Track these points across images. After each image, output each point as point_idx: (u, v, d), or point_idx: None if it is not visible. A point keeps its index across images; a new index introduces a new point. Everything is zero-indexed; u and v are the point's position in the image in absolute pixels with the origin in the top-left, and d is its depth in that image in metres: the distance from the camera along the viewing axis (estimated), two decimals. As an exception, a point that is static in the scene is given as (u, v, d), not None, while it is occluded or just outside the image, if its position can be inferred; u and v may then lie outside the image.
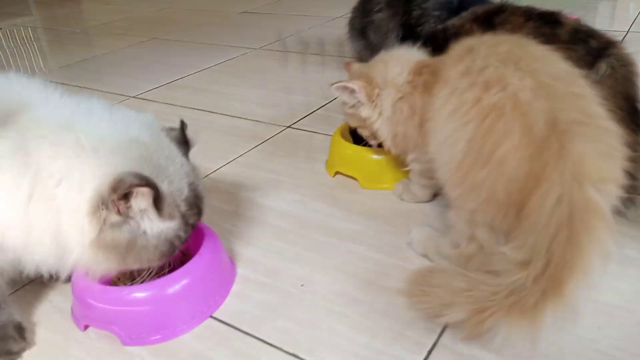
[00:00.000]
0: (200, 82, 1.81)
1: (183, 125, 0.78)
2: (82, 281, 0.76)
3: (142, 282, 0.82)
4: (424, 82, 0.85)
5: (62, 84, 1.90)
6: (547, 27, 1.05)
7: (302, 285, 0.83)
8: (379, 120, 0.92)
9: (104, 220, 0.65)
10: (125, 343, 0.75)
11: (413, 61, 0.91)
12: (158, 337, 0.75)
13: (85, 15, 3.28)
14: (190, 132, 0.79)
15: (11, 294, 0.84)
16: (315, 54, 2.03)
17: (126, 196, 0.64)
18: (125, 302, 0.74)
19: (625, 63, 1.02)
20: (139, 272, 0.84)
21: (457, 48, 0.79)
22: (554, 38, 1.04)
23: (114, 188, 0.63)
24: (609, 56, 1.02)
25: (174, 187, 0.69)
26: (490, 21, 1.07)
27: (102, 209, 0.64)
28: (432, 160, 0.80)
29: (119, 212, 0.65)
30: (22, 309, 0.82)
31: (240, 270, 0.88)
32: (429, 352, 0.69)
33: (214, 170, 1.20)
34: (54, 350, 0.75)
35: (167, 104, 1.63)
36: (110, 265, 0.69)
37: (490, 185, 0.67)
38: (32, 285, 0.88)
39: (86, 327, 0.78)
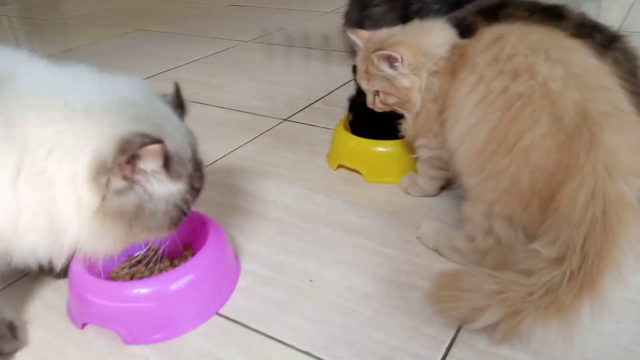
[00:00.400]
0: (191, 74, 1.76)
1: (178, 89, 0.73)
2: (80, 275, 0.72)
3: (143, 277, 0.78)
4: (453, 64, 0.82)
5: (45, 73, 1.83)
6: (551, 20, 1.04)
7: (311, 281, 0.80)
8: (417, 93, 0.85)
9: (108, 187, 0.59)
10: (126, 342, 0.70)
11: (452, 38, 0.86)
12: (161, 335, 0.71)
13: (64, 5, 3.18)
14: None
15: (0, 290, 0.79)
16: (307, 47, 2.00)
17: (133, 158, 0.58)
18: (127, 298, 0.70)
19: (630, 57, 1.01)
20: (138, 268, 0.80)
21: (486, 34, 0.77)
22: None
23: (122, 150, 0.57)
24: (614, 50, 1.01)
25: (177, 144, 0.65)
26: (494, 14, 1.06)
27: (105, 174, 0.58)
28: (446, 149, 0.78)
29: (124, 177, 0.59)
30: (13, 306, 0.77)
31: (245, 265, 0.84)
32: (448, 349, 0.67)
33: (212, 162, 1.16)
34: (49, 350, 0.70)
35: (157, 95, 1.58)
36: (115, 239, 0.63)
37: (513, 174, 0.66)
38: (22, 282, 0.83)
39: (84, 325, 0.73)
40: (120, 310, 0.70)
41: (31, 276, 0.83)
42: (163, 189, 0.63)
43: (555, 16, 1.05)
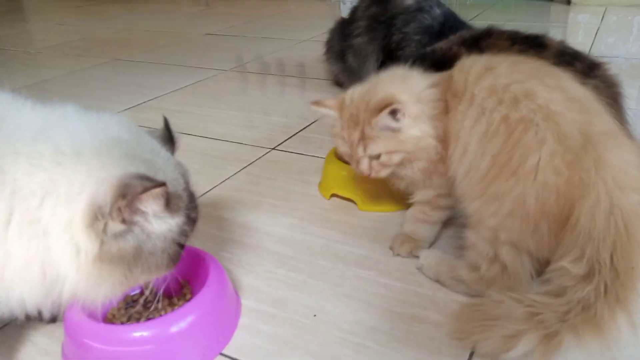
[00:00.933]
0: (172, 104, 1.75)
1: (167, 123, 0.73)
2: (77, 320, 0.69)
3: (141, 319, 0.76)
4: (445, 101, 0.80)
5: (21, 105, 1.78)
6: (533, 50, 1.08)
7: (314, 316, 0.79)
8: (430, 138, 0.79)
9: (105, 232, 0.57)
10: (128, 388, 0.67)
11: (430, 79, 0.84)
12: (164, 379, 0.68)
13: (36, 35, 3.13)
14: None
15: (-12, 337, 0.75)
16: (286, 75, 2.01)
17: (134, 201, 0.57)
18: (128, 342, 0.67)
19: (610, 84, 1.06)
20: (136, 309, 0.78)
21: (473, 65, 0.78)
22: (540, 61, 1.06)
23: (122, 194, 0.56)
24: (594, 78, 1.05)
25: (170, 178, 0.63)
26: (477, 45, 1.09)
27: (102, 220, 0.56)
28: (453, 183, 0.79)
29: (123, 220, 0.57)
30: (2, 354, 0.73)
31: (245, 302, 0.83)
32: (459, 381, 0.67)
33: (202, 194, 1.14)
34: (45, 401, 0.67)
35: (141, 125, 1.55)
36: (114, 283, 0.61)
37: (517, 195, 0.67)
38: (11, 327, 0.79)
39: (81, 371, 0.70)
40: (121, 355, 0.67)
41: (19, 322, 0.79)
42: (162, 226, 0.61)
43: (536, 45, 1.09)
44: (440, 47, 1.16)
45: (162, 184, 0.57)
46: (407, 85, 0.82)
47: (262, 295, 0.83)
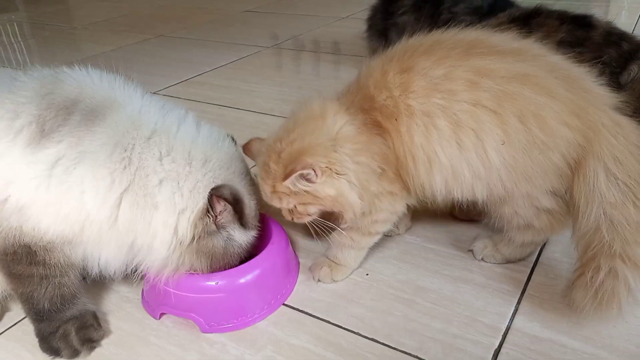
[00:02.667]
0: (218, 79, 1.81)
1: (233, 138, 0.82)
2: (158, 270, 0.77)
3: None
4: (373, 120, 0.73)
5: (76, 79, 1.88)
6: (581, 30, 1.11)
7: (367, 275, 0.85)
8: (350, 192, 0.73)
9: (204, 228, 0.70)
10: (204, 330, 0.76)
11: (336, 108, 0.75)
12: (235, 324, 0.76)
13: (79, 12, 3.23)
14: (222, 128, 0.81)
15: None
16: (328, 52, 2.05)
17: (225, 207, 0.70)
18: (204, 290, 0.75)
19: (655, 66, 1.08)
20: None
21: (391, 79, 0.71)
22: (587, 41, 1.09)
23: (218, 199, 0.68)
24: (639, 59, 1.07)
25: (254, 200, 0.77)
26: (527, 22, 1.12)
27: (207, 217, 0.69)
28: (424, 193, 0.75)
29: (215, 223, 0.70)
30: (92, 298, 0.82)
31: (302, 260, 0.90)
32: (504, 336, 0.73)
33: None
34: (133, 339, 0.76)
35: (191, 100, 1.63)
36: (196, 267, 0.73)
37: (544, 160, 0.69)
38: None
39: (161, 315, 0.78)
40: (198, 301, 0.75)
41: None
42: (242, 237, 0.75)
43: (584, 25, 1.11)
44: (491, 24, 1.18)
45: (244, 201, 0.71)
46: (322, 130, 0.73)
47: (317, 255, 0.90)
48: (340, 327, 0.76)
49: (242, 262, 0.78)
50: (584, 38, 1.10)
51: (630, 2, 2.65)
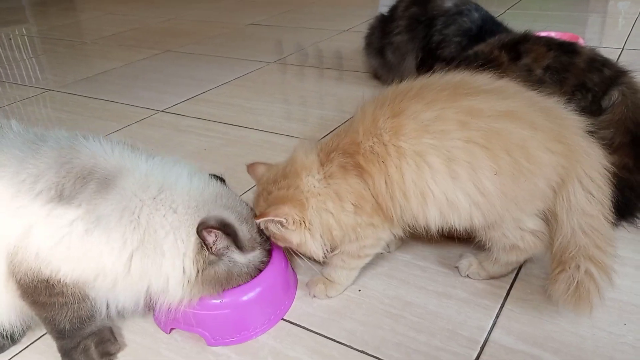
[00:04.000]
0: (223, 97, 1.90)
1: (217, 176, 0.90)
2: (169, 288, 0.85)
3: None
4: (354, 163, 0.80)
5: (87, 97, 1.97)
6: (566, 56, 1.17)
7: (359, 291, 0.93)
8: (311, 243, 0.83)
9: (204, 261, 0.78)
10: (209, 344, 0.83)
11: (311, 162, 0.84)
12: (238, 338, 0.84)
13: (89, 25, 3.33)
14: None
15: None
16: (329, 68, 2.13)
17: (216, 238, 0.77)
18: (210, 307, 0.83)
19: (635, 91, 1.14)
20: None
21: (382, 124, 0.79)
22: (572, 66, 1.16)
23: (206, 229, 0.75)
24: (620, 84, 1.14)
25: (249, 224, 0.83)
26: (516, 49, 1.19)
27: (205, 250, 0.77)
28: (414, 223, 0.81)
29: (213, 252, 0.78)
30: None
31: (300, 277, 0.97)
32: (482, 348, 0.80)
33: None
34: (145, 351, 0.84)
35: (197, 118, 1.71)
36: (209, 293, 0.81)
37: (532, 187, 0.77)
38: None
39: (171, 329, 0.86)
40: (204, 317, 0.83)
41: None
42: (243, 259, 0.82)
43: (569, 52, 1.18)
44: (482, 50, 1.24)
45: (228, 231, 0.77)
46: (299, 188, 0.82)
47: (314, 273, 0.98)
48: (334, 340, 0.83)
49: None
50: (569, 64, 1.17)
51: (626, 12, 2.70)
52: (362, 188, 0.80)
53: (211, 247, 0.77)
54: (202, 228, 0.75)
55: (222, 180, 0.89)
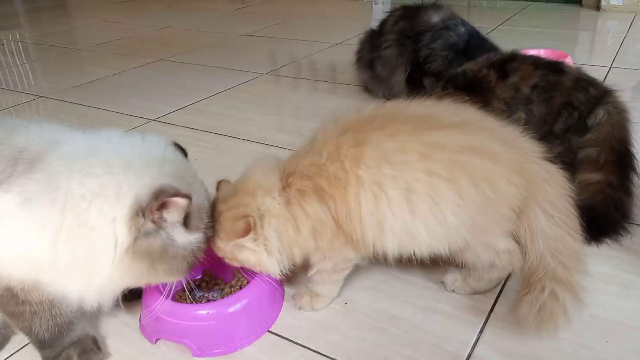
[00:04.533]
0: (215, 107, 1.90)
1: (178, 144, 0.85)
2: (155, 299, 0.85)
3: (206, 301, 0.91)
4: (316, 186, 0.80)
5: (79, 105, 1.97)
6: (553, 75, 1.19)
7: (345, 304, 0.93)
8: (270, 257, 0.82)
9: (140, 229, 0.69)
10: (195, 355, 0.83)
11: (270, 184, 0.82)
12: (223, 349, 0.84)
13: (82, 33, 3.33)
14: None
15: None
16: (322, 80, 2.15)
17: (163, 206, 0.69)
18: (196, 318, 0.83)
19: (620, 110, 1.17)
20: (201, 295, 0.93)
21: (345, 152, 0.78)
22: (559, 85, 1.18)
23: (156, 195, 0.68)
24: (606, 103, 1.17)
25: (201, 201, 0.77)
26: (503, 68, 1.21)
27: (140, 216, 0.69)
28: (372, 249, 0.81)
29: (153, 221, 0.70)
30: (92, 323, 0.90)
31: (287, 289, 0.98)
32: (466, 363, 0.81)
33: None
34: (130, 362, 0.83)
35: (188, 128, 1.72)
36: (140, 274, 0.74)
37: (499, 214, 0.80)
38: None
39: (157, 340, 0.86)
40: (190, 328, 0.83)
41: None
42: (184, 238, 0.74)
43: (556, 71, 1.20)
44: (471, 68, 1.26)
45: (188, 198, 0.70)
46: (265, 199, 0.81)
47: (301, 285, 0.98)
48: (319, 353, 0.83)
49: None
50: (555, 83, 1.19)
51: (615, 29, 2.75)
52: (321, 212, 0.79)
53: (152, 216, 0.69)
54: (154, 192, 0.68)
55: (183, 150, 0.84)
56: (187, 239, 0.75)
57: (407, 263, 1.01)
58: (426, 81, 1.61)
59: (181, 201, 0.70)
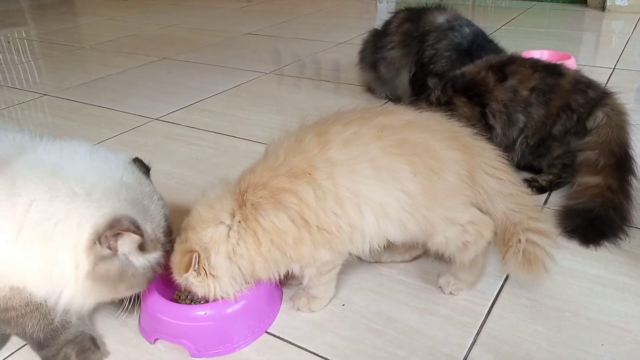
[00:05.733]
0: (217, 106, 1.91)
1: (139, 160, 0.87)
2: (154, 299, 0.86)
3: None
4: (272, 191, 0.80)
5: (83, 103, 1.99)
6: (552, 78, 1.19)
7: (343, 305, 0.94)
8: (220, 285, 0.82)
9: (97, 255, 0.73)
10: (193, 355, 0.84)
11: (221, 207, 0.82)
12: (221, 349, 0.85)
13: (88, 30, 3.35)
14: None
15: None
16: (325, 80, 2.15)
17: (117, 236, 0.73)
18: (195, 319, 0.84)
19: (619, 112, 1.17)
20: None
21: (299, 144, 0.82)
22: (557, 88, 1.18)
23: (110, 226, 0.72)
24: (605, 106, 1.17)
25: (155, 223, 0.80)
26: (502, 70, 1.21)
27: (97, 244, 0.72)
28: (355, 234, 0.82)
29: (109, 247, 0.73)
30: (92, 323, 0.91)
31: (285, 290, 0.98)
32: (461, 365, 0.81)
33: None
34: (128, 361, 0.84)
35: (190, 127, 1.73)
36: (103, 295, 0.78)
37: (448, 183, 0.83)
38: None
39: (155, 340, 0.87)
40: (189, 328, 0.84)
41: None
42: (141, 259, 0.77)
43: (554, 73, 1.20)
44: (470, 71, 1.26)
45: (140, 234, 0.74)
46: (207, 231, 0.81)
47: (299, 287, 0.99)
48: (316, 354, 0.84)
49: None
50: (554, 85, 1.19)
51: (620, 30, 2.74)
52: (277, 222, 0.79)
53: (108, 243, 0.72)
54: (113, 227, 0.71)
55: (145, 166, 0.86)
56: (144, 260, 0.78)
57: (404, 264, 1.03)
58: (430, 82, 1.61)
59: (133, 237, 0.74)
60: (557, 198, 1.22)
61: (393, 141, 0.82)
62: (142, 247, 0.76)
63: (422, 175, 0.81)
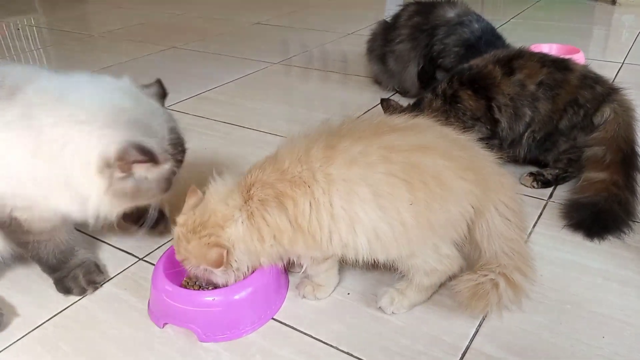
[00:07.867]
0: (226, 96, 1.92)
1: (160, 81, 0.97)
2: (163, 285, 0.88)
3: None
4: (275, 193, 0.82)
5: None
6: (559, 73, 1.20)
7: (348, 294, 0.96)
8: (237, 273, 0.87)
9: (111, 177, 0.81)
10: (201, 340, 0.86)
11: (234, 202, 0.83)
12: (228, 335, 0.87)
13: (96, 18, 3.36)
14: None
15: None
16: (333, 71, 2.16)
17: (128, 164, 0.80)
18: (203, 304, 0.86)
19: (626, 108, 1.17)
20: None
21: (306, 155, 0.82)
22: (565, 83, 1.18)
23: (120, 158, 0.79)
24: (612, 102, 1.17)
25: (160, 137, 0.85)
26: (510, 64, 1.21)
27: (109, 169, 0.80)
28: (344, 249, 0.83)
29: (123, 171, 0.81)
30: (102, 308, 0.94)
31: (291, 278, 1.00)
32: (463, 354, 0.83)
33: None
34: (138, 345, 0.87)
35: (198, 116, 1.74)
36: (124, 205, 0.88)
37: (450, 215, 0.82)
38: (108, 286, 0.99)
39: (164, 324, 0.89)
40: (197, 314, 0.86)
41: (113, 282, 0.99)
42: (154, 173, 0.85)
43: (562, 68, 1.20)
44: (477, 64, 1.26)
45: (149, 160, 0.80)
46: (231, 229, 0.83)
47: (304, 274, 1.00)
48: (321, 341, 0.86)
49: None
50: (561, 80, 1.19)
51: (631, 24, 2.72)
52: (279, 220, 0.81)
53: (121, 167, 0.80)
54: (122, 158, 0.78)
55: (162, 88, 0.94)
56: (157, 173, 0.85)
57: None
58: (439, 75, 1.62)
59: (143, 165, 0.81)
60: (562, 192, 1.23)
61: (400, 165, 0.80)
62: (154, 160, 0.82)
63: (422, 204, 0.79)
